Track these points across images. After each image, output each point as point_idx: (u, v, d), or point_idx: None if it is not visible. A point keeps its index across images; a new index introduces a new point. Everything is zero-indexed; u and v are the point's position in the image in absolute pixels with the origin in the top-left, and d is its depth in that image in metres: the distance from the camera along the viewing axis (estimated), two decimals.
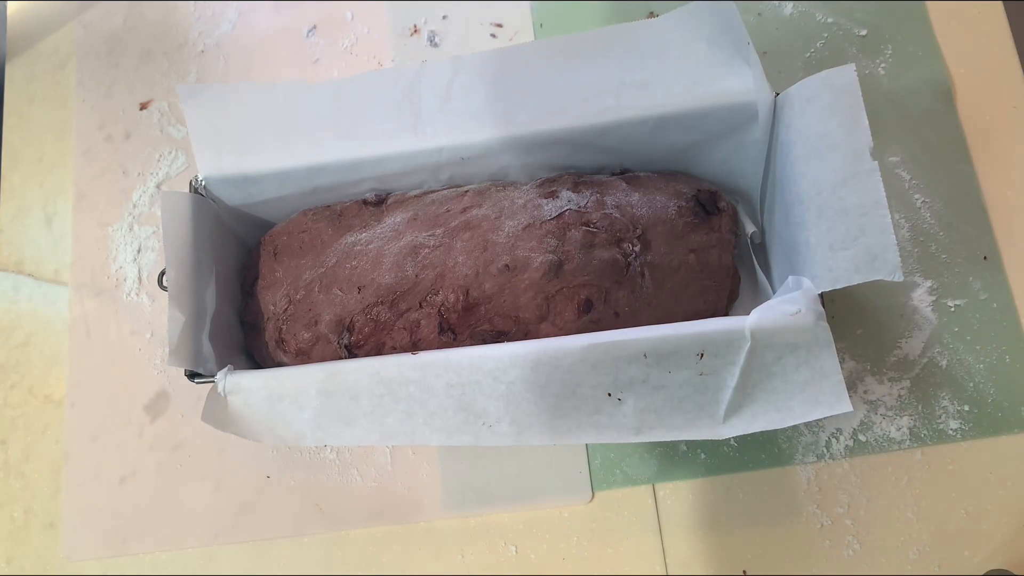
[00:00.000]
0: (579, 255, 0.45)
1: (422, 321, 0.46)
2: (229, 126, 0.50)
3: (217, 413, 0.44)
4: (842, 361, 0.38)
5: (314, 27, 0.65)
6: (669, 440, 0.50)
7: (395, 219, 0.50)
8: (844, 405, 0.38)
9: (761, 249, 0.52)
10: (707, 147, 0.49)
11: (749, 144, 0.47)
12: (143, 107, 0.65)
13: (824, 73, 0.42)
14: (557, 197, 0.47)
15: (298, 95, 0.50)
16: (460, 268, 0.46)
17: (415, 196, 0.51)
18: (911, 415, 0.50)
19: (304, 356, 0.48)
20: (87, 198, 0.63)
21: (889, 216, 0.39)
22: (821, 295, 0.40)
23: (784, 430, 0.51)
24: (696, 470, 0.51)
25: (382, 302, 0.46)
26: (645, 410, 0.40)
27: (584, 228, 0.46)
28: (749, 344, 0.38)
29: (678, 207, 0.47)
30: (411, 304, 0.46)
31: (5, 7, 0.70)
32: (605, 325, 0.45)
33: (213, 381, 0.45)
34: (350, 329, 0.47)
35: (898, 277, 0.38)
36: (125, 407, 0.58)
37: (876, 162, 0.40)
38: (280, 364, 0.50)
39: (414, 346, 0.46)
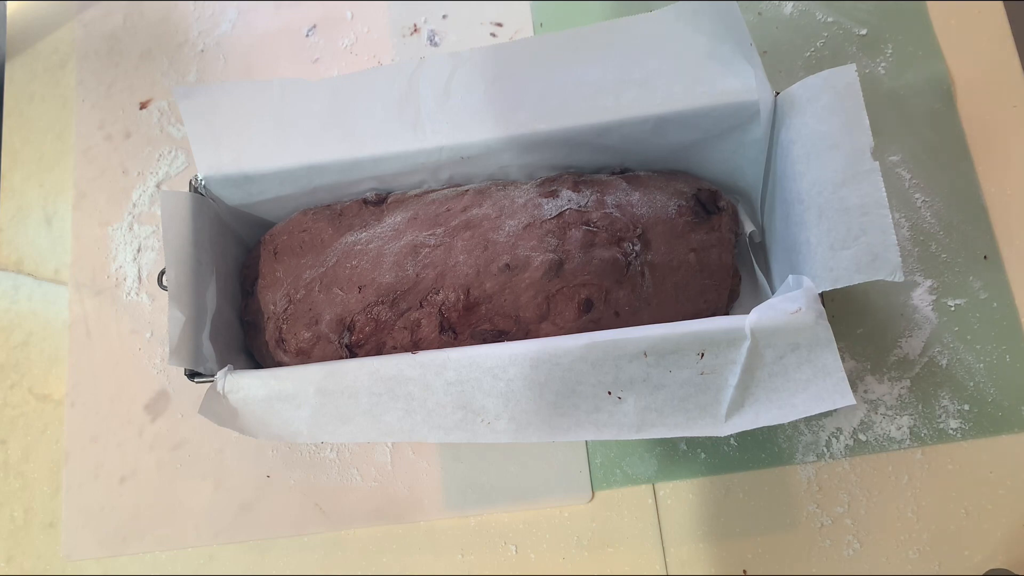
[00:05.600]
0: (579, 254, 0.45)
1: (423, 320, 0.46)
2: (227, 125, 0.50)
3: (215, 408, 0.44)
4: (842, 360, 0.38)
5: (314, 26, 0.65)
6: (670, 437, 0.50)
7: (395, 218, 0.50)
8: (847, 399, 0.38)
9: (761, 248, 0.52)
10: (707, 146, 0.49)
11: (749, 143, 0.47)
12: (143, 106, 0.65)
13: (825, 73, 0.42)
14: (557, 196, 0.47)
15: (296, 93, 0.50)
16: (461, 267, 0.46)
17: (415, 195, 0.51)
18: (911, 414, 0.50)
19: (304, 356, 0.48)
20: (87, 197, 0.63)
21: (890, 216, 0.39)
22: (821, 294, 0.40)
23: (784, 430, 0.51)
24: (696, 469, 0.51)
25: (383, 301, 0.46)
26: (646, 409, 0.40)
27: (584, 227, 0.46)
28: (749, 343, 0.38)
29: (678, 206, 0.47)
30: (412, 303, 0.46)
31: (5, 7, 0.70)
32: (605, 324, 0.45)
33: (213, 380, 0.44)
34: (351, 328, 0.47)
35: (899, 277, 0.38)
36: (125, 407, 0.57)
37: (877, 162, 0.40)
38: (280, 363, 0.50)
39: (415, 345, 0.46)
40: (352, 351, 0.47)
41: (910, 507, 0.49)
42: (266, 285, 0.51)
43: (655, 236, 0.46)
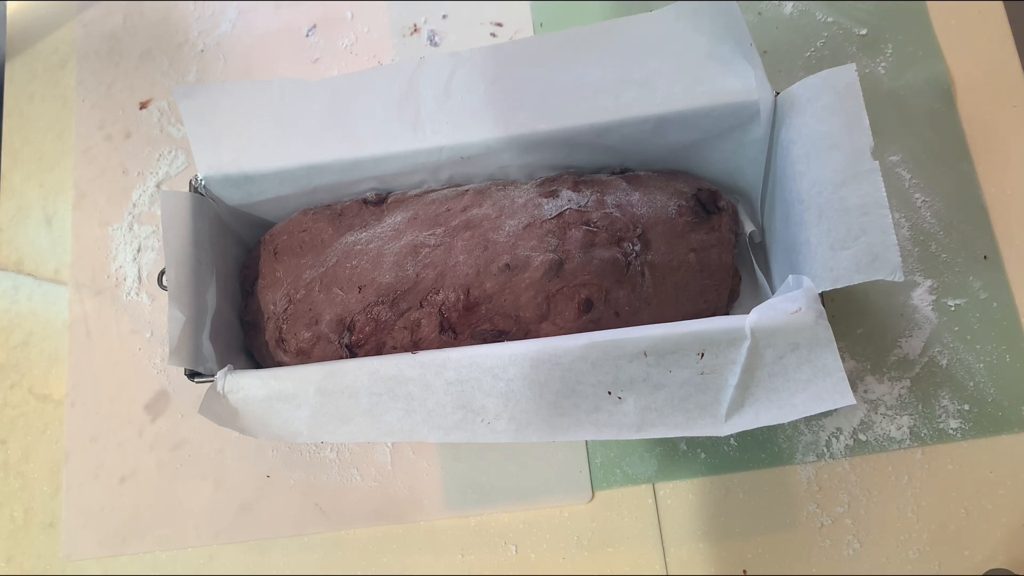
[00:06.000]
0: (579, 254, 0.45)
1: (423, 320, 0.46)
2: (227, 125, 0.50)
3: (215, 408, 0.44)
4: (842, 360, 0.38)
5: (314, 26, 0.65)
6: (670, 437, 0.50)
7: (395, 218, 0.50)
8: (847, 399, 0.38)
9: (761, 248, 0.52)
10: (707, 146, 0.49)
11: (749, 143, 0.47)
12: (143, 106, 0.65)
13: (825, 72, 0.42)
14: (557, 196, 0.47)
15: (296, 93, 0.50)
16: (461, 267, 0.46)
17: (415, 195, 0.51)
18: (911, 414, 0.50)
19: (304, 356, 0.48)
20: (87, 197, 0.63)
21: (890, 216, 0.39)
22: (821, 294, 0.40)
23: (784, 429, 0.51)
24: (696, 469, 0.51)
25: (383, 301, 0.46)
26: (646, 409, 0.40)
27: (584, 227, 0.46)
28: (749, 343, 0.38)
29: (678, 206, 0.47)
30: (412, 303, 0.46)
31: (5, 7, 0.70)
32: (605, 324, 0.45)
33: (213, 380, 0.44)
34: (351, 328, 0.47)
35: (899, 277, 0.38)
36: (125, 407, 0.57)
37: (877, 162, 0.40)
38: (280, 363, 0.50)
39: (415, 345, 0.46)
40: (352, 351, 0.47)
41: (910, 507, 0.49)
42: (266, 285, 0.51)
43: (655, 236, 0.46)
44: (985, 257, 0.52)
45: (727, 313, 0.49)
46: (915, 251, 0.53)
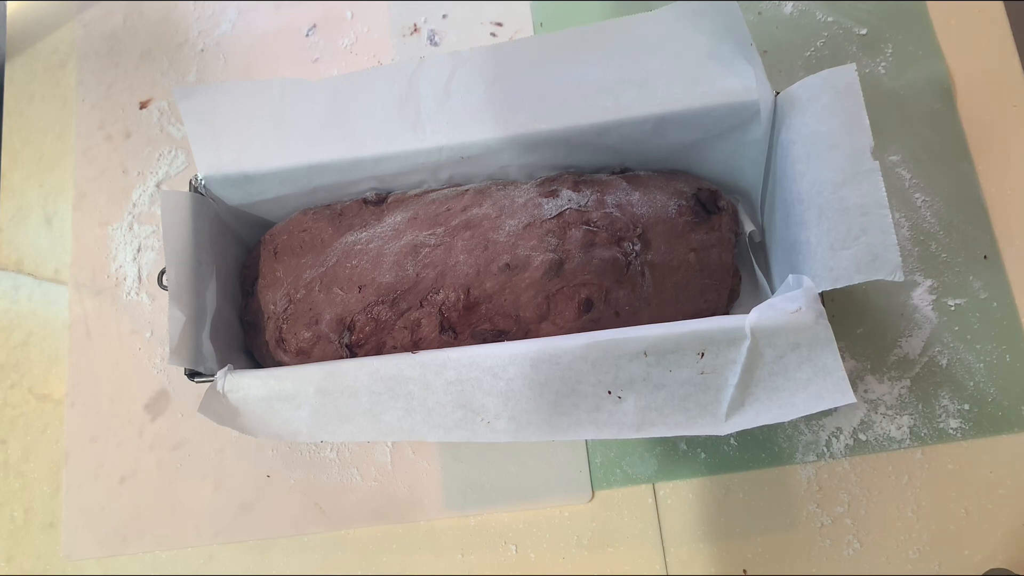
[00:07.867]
0: (579, 254, 0.45)
1: (423, 320, 0.46)
2: (227, 125, 0.50)
3: (215, 407, 0.44)
4: (842, 360, 0.38)
5: (314, 26, 0.65)
6: (670, 436, 0.50)
7: (395, 218, 0.50)
8: (848, 398, 0.38)
9: (760, 248, 0.52)
10: (707, 146, 0.49)
11: (749, 143, 0.47)
12: (143, 106, 0.65)
13: (825, 72, 0.42)
14: (557, 196, 0.47)
15: (296, 93, 0.50)
16: (461, 267, 0.46)
17: (415, 195, 0.51)
18: (911, 414, 0.50)
19: (304, 355, 0.48)
20: (87, 197, 0.63)
21: (890, 216, 0.39)
22: (821, 294, 0.40)
23: (784, 429, 0.51)
24: (696, 469, 0.51)
25: (383, 301, 0.46)
26: (646, 408, 0.40)
27: (584, 227, 0.46)
28: (749, 342, 0.38)
29: (678, 206, 0.47)
30: (412, 303, 0.46)
31: (5, 7, 0.70)
32: (605, 324, 0.45)
33: (213, 380, 0.44)
34: (351, 328, 0.47)
35: (899, 277, 0.38)
36: (125, 407, 0.57)
37: (877, 162, 0.40)
38: (280, 363, 0.50)
39: (415, 345, 0.46)
40: (352, 351, 0.47)
41: (910, 507, 0.49)
42: (266, 285, 0.51)
43: (655, 236, 0.46)
44: (985, 257, 0.52)
45: (727, 313, 0.49)
46: (915, 251, 0.53)
